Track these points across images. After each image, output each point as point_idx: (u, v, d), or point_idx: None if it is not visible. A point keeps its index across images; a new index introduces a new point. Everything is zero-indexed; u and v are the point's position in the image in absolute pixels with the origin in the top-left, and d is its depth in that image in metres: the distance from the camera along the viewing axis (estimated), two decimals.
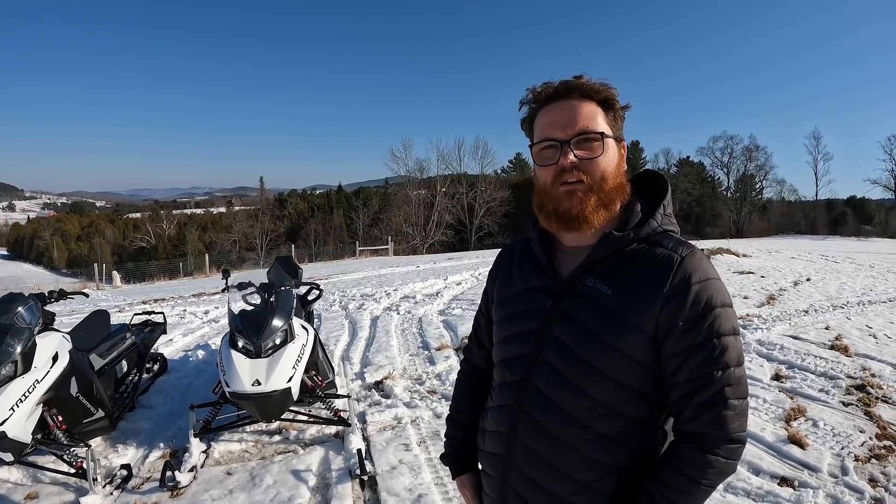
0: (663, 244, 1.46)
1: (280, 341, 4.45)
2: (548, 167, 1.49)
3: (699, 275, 1.40)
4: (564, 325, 1.48)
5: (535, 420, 1.51)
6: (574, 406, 1.46)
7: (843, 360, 6.89)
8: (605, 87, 1.49)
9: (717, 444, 1.36)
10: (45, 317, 4.51)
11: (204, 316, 10.61)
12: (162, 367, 6.55)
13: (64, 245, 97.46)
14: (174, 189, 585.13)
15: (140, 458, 4.62)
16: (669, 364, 1.41)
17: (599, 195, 1.46)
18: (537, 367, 1.51)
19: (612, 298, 1.43)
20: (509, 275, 1.71)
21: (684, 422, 1.41)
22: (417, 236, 53.30)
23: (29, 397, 3.84)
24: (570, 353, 1.46)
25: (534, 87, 1.55)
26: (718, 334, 1.37)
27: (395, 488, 3.99)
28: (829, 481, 4.05)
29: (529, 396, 1.52)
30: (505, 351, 1.63)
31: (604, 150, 1.47)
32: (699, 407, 1.38)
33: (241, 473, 4.30)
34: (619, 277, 1.44)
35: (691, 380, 1.38)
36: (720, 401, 1.36)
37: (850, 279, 14.28)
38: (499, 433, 1.61)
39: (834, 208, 69.00)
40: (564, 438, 1.47)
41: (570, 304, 1.49)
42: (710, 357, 1.37)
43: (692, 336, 1.38)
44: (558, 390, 1.47)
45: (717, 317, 1.38)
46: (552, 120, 1.49)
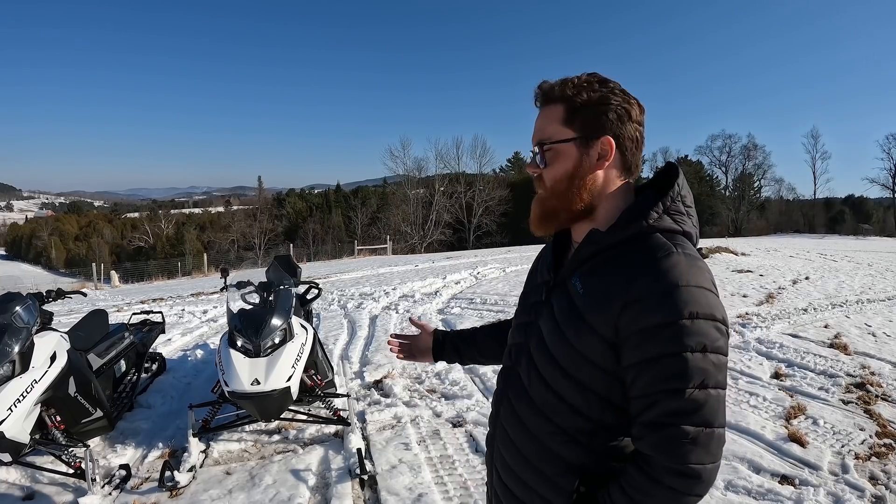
0: (642, 245, 1.35)
1: (279, 340, 4.45)
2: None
3: (669, 279, 1.25)
4: (546, 319, 1.48)
5: (512, 405, 1.56)
6: (542, 398, 1.45)
7: (842, 359, 6.89)
8: (562, 85, 1.44)
9: (661, 472, 1.25)
10: (43, 316, 4.51)
11: (202, 315, 10.59)
12: (160, 366, 6.54)
13: (62, 245, 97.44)
14: (172, 189, 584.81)
15: (139, 458, 4.61)
16: (626, 375, 1.32)
17: (544, 207, 1.50)
18: (522, 356, 1.55)
19: (580, 296, 1.38)
20: (532, 271, 1.74)
21: (634, 439, 1.34)
22: (416, 235, 53.38)
23: (27, 397, 3.82)
24: (543, 346, 1.46)
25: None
26: (678, 350, 1.23)
27: (395, 487, 3.99)
28: (829, 479, 4.04)
29: (512, 382, 1.58)
30: (510, 338, 1.69)
31: (549, 163, 1.46)
32: (646, 427, 1.28)
33: (240, 473, 4.29)
34: (592, 276, 1.39)
35: (641, 396, 1.29)
36: (668, 424, 1.24)
37: (848, 278, 14.27)
38: (491, 414, 1.70)
39: (832, 207, 69.23)
40: (532, 427, 1.48)
41: (555, 299, 1.48)
42: (663, 374, 1.24)
43: (647, 348, 1.26)
44: (532, 380, 1.49)
45: (681, 329, 1.23)
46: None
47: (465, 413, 5.21)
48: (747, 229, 63.40)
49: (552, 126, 1.44)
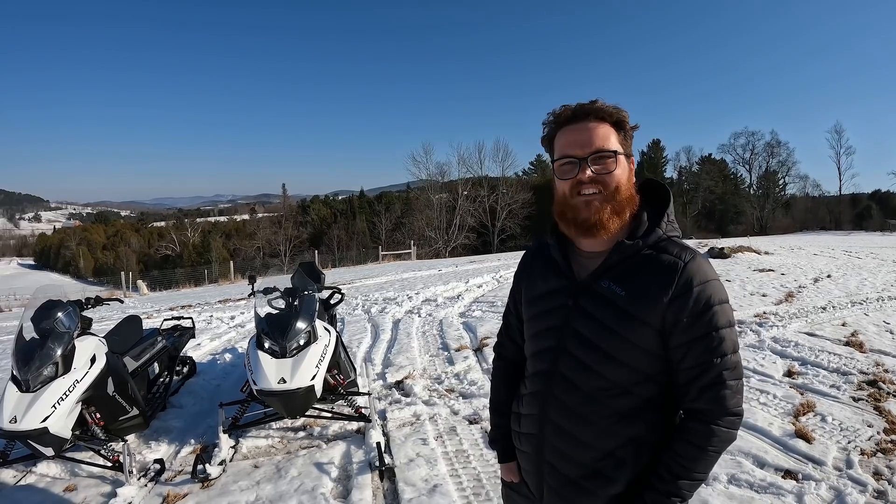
0: (669, 250, 1.69)
1: (304, 342, 4.64)
2: (567, 181, 1.72)
3: (700, 277, 1.63)
4: (584, 320, 1.73)
5: (562, 401, 1.78)
6: (594, 388, 1.72)
7: (856, 357, 6.90)
8: (617, 111, 1.72)
9: (718, 417, 1.63)
10: (83, 322, 4.75)
11: (230, 321, 10.83)
12: (191, 369, 6.78)
13: (90, 254, 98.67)
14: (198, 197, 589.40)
15: (172, 454, 4.84)
16: (676, 353, 1.66)
17: (613, 204, 1.68)
18: (562, 356, 1.77)
19: (625, 299, 1.66)
20: (534, 277, 1.95)
21: (690, 401, 1.67)
22: (440, 240, 53.38)
23: (69, 396, 4.09)
24: (590, 345, 1.71)
25: (554, 110, 1.78)
26: (717, 328, 1.62)
27: (412, 479, 4.16)
28: (832, 474, 4.09)
29: (557, 381, 1.79)
30: (535, 345, 1.89)
31: (617, 165, 1.69)
32: (703, 388, 1.64)
33: (267, 466, 4.50)
34: (630, 280, 1.68)
35: (695, 366, 1.64)
36: (720, 382, 1.62)
37: (871, 275, 14.15)
38: (532, 416, 1.89)
39: (858, 203, 68.32)
40: (586, 415, 1.74)
41: (588, 303, 1.73)
42: (710, 347, 1.62)
43: (694, 330, 1.62)
44: (580, 375, 1.74)
45: (715, 313, 1.62)
46: (571, 140, 1.71)
47: (481, 411, 5.34)
48: (773, 227, 62.68)
49: (613, 140, 1.70)
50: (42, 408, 3.92)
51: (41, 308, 4.47)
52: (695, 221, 65.94)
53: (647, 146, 73.62)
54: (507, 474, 2.12)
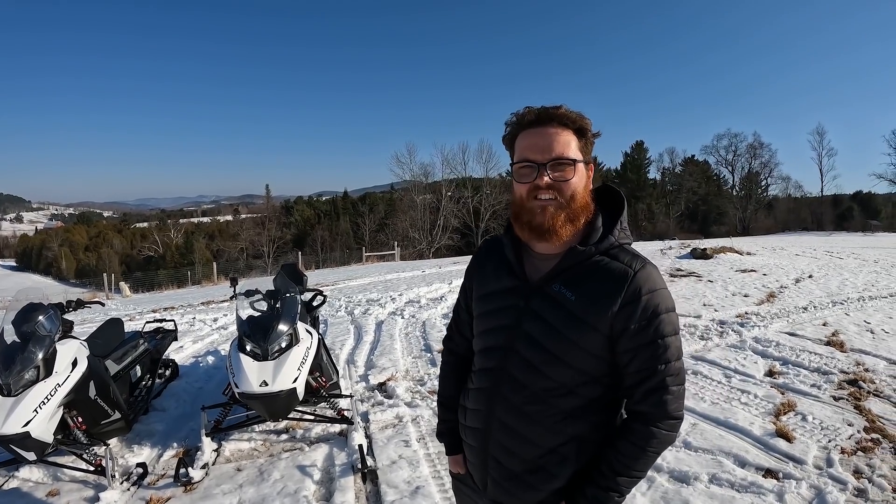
0: (620, 258, 1.74)
1: (285, 345, 4.62)
2: (524, 184, 1.75)
3: (648, 286, 1.69)
4: (534, 322, 1.77)
5: (508, 399, 1.82)
6: (540, 388, 1.76)
7: (837, 356, 6.97)
8: (580, 118, 1.75)
9: (659, 420, 1.70)
10: (65, 325, 4.72)
11: (213, 323, 10.78)
12: (174, 372, 6.74)
13: (72, 255, 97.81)
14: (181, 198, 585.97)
15: (154, 457, 4.80)
16: (622, 358, 1.72)
17: (567, 212, 1.72)
18: (510, 356, 1.81)
19: (574, 303, 1.71)
20: (486, 275, 1.97)
21: (634, 403, 1.74)
22: (424, 241, 53.32)
23: (51, 400, 4.05)
24: (538, 346, 1.75)
25: (518, 112, 1.81)
26: (663, 335, 1.69)
27: (394, 481, 4.17)
28: (813, 473, 4.12)
29: (504, 380, 1.82)
30: (484, 342, 1.92)
31: (574, 174, 1.73)
32: (646, 392, 1.71)
33: (250, 469, 4.48)
34: (581, 285, 1.73)
35: (640, 370, 1.70)
36: (663, 387, 1.69)
37: (852, 275, 14.29)
38: (478, 411, 1.92)
39: (840, 204, 68.81)
40: (532, 414, 1.78)
41: (539, 304, 1.77)
42: (656, 353, 1.68)
43: (641, 336, 1.68)
44: (527, 375, 1.77)
45: (661, 321, 1.69)
46: (532, 144, 1.74)
47: None
48: (755, 228, 63.14)
49: (573, 146, 1.73)
50: (23, 412, 3.89)
51: (22, 311, 4.43)
52: (678, 222, 66.49)
53: (630, 147, 74.21)
54: (455, 466, 2.18)
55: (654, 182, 74.51)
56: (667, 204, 70.04)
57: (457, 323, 2.20)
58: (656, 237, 50.47)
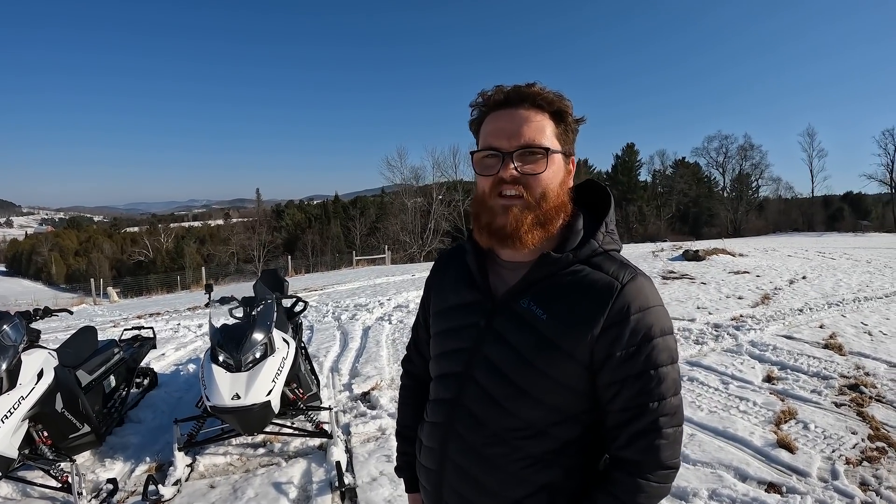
0: (604, 268, 1.41)
1: (260, 355, 4.44)
2: (487, 177, 1.42)
3: (639, 303, 1.36)
4: (496, 346, 1.44)
5: (464, 439, 1.48)
6: (502, 426, 1.43)
7: (836, 359, 6.85)
8: (559, 98, 1.43)
9: (649, 471, 1.35)
10: (31, 334, 4.53)
11: (198, 329, 10.59)
12: (152, 381, 6.54)
13: (62, 260, 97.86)
14: (171, 202, 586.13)
15: (126, 472, 4.61)
16: (605, 392, 1.38)
17: (537, 213, 1.40)
18: (467, 385, 1.48)
19: (546, 324, 1.38)
20: (444, 287, 1.66)
21: (618, 448, 1.39)
22: (414, 244, 53.31)
23: (14, 413, 3.87)
24: (500, 375, 1.42)
25: (485, 91, 1.47)
26: (656, 365, 1.35)
27: (374, 500, 3.97)
28: (818, 486, 3.96)
29: (459, 415, 1.49)
30: (439, 367, 1.60)
31: (547, 166, 1.40)
32: (634, 435, 1.36)
33: (223, 486, 4.28)
34: (555, 301, 1.40)
35: (626, 409, 1.36)
36: (654, 430, 1.35)
37: (846, 276, 14.27)
38: (432, 449, 1.58)
39: (830, 204, 69.29)
40: (492, 458, 1.44)
41: (503, 324, 1.44)
42: (646, 388, 1.35)
43: (629, 366, 1.35)
44: (487, 410, 1.44)
45: (655, 347, 1.35)
46: (498, 128, 1.41)
47: None
48: (746, 229, 63.44)
49: (548, 133, 1.41)
50: None
51: None
52: (669, 224, 66.80)
53: (621, 150, 74.37)
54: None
55: (645, 184, 74.87)
56: (658, 206, 70.24)
57: (415, 342, 1.88)
58: (647, 239, 50.62)
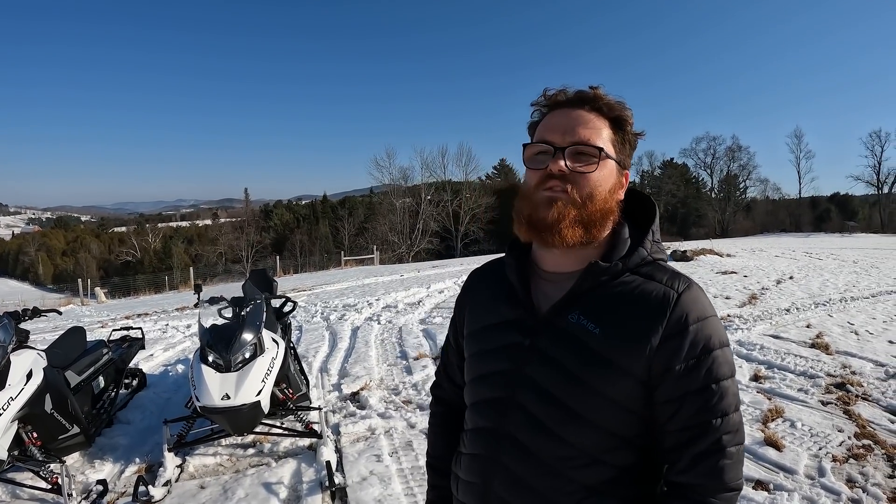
0: (656, 277, 1.34)
1: (249, 355, 4.43)
2: (536, 171, 1.37)
3: (697, 313, 1.28)
4: (543, 366, 1.34)
5: (511, 471, 1.36)
6: (553, 456, 1.32)
7: (823, 359, 6.92)
8: (621, 106, 1.39)
9: (713, 495, 1.25)
10: (19, 335, 4.48)
11: (186, 330, 10.55)
12: (141, 382, 6.51)
13: (49, 260, 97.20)
14: (159, 202, 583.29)
15: (116, 474, 4.59)
16: (663, 411, 1.29)
17: (581, 211, 1.32)
18: (512, 412, 1.37)
19: (598, 338, 1.29)
20: (480, 305, 1.56)
21: (679, 472, 1.29)
22: (403, 245, 53.22)
23: (3, 415, 3.84)
24: (549, 398, 1.32)
25: (547, 91, 1.43)
26: (717, 379, 1.26)
27: (364, 499, 3.97)
28: (805, 483, 4.00)
29: (504, 445, 1.38)
30: (476, 393, 1.49)
31: (598, 168, 1.34)
32: (696, 457, 1.26)
33: (214, 487, 4.27)
34: (607, 314, 1.31)
35: (687, 427, 1.27)
36: (718, 450, 1.25)
37: (832, 276, 14.39)
38: (472, 484, 1.46)
39: (818, 205, 69.65)
40: (544, 491, 1.33)
41: (549, 342, 1.35)
42: (708, 404, 1.25)
43: (690, 381, 1.26)
44: (536, 438, 1.34)
45: (714, 359, 1.26)
46: (553, 125, 1.37)
47: None
48: (734, 230, 63.73)
49: (605, 137, 1.36)
50: None
51: None
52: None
53: None
54: None
55: (634, 185, 74.18)
56: None
57: (445, 366, 1.75)
58: None
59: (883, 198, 64.45)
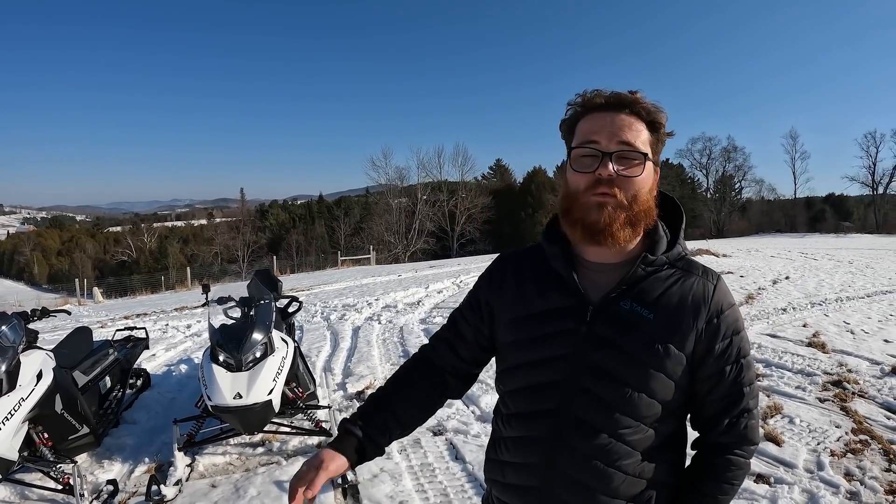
0: (693, 270, 1.52)
1: (260, 354, 4.47)
2: (583, 174, 1.46)
3: (728, 301, 1.50)
4: (604, 350, 1.46)
5: (577, 449, 1.47)
6: (616, 430, 1.45)
7: (820, 357, 7.00)
8: (657, 110, 1.50)
9: (744, 449, 1.50)
10: (29, 335, 4.49)
11: (186, 330, 10.57)
12: (145, 382, 6.53)
13: (44, 260, 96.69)
14: (154, 202, 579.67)
15: (126, 473, 4.62)
16: (705, 384, 1.50)
17: (628, 213, 1.44)
18: (575, 394, 1.48)
19: (653, 323, 1.44)
20: (522, 291, 1.62)
21: (720, 434, 1.51)
22: (399, 245, 53.15)
23: (15, 415, 3.83)
24: (612, 379, 1.45)
25: (585, 92, 1.53)
26: (744, 354, 1.50)
27: (376, 496, 4.02)
28: (804, 477, 4.10)
29: (567, 425, 1.48)
30: (529, 377, 1.56)
31: (643, 170, 1.47)
32: (733, 420, 1.49)
33: (225, 486, 4.31)
34: (657, 301, 1.47)
35: (726, 396, 1.49)
36: (748, 411, 1.50)
37: (828, 276, 14.42)
38: (531, 466, 1.54)
39: (813, 206, 69.54)
40: (608, 463, 1.46)
41: (607, 327, 1.47)
42: (740, 375, 1.48)
43: (726, 358, 1.47)
44: (600, 416, 1.46)
45: (742, 339, 1.50)
46: (599, 128, 1.46)
47: (445, 422, 5.21)
48: (729, 230, 63.67)
49: (644, 139, 1.48)
50: None
51: None
52: None
53: None
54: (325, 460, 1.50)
55: None
56: None
57: (452, 336, 1.78)
58: None
59: (878, 198, 64.64)
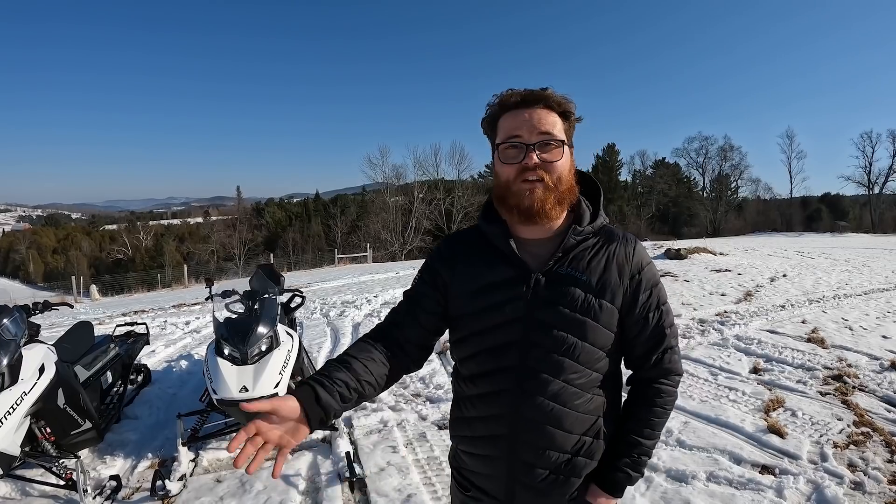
0: (615, 236, 1.80)
1: (266, 348, 4.44)
2: (511, 165, 1.70)
3: (646, 258, 1.80)
4: (548, 309, 1.69)
5: (535, 396, 1.70)
6: (567, 376, 1.69)
7: (819, 352, 7.03)
8: (566, 101, 1.73)
9: (671, 379, 1.82)
10: (31, 329, 4.44)
11: (185, 327, 10.54)
12: (146, 378, 6.52)
13: (40, 258, 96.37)
14: (150, 200, 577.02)
15: (129, 469, 4.60)
16: (633, 328, 1.77)
17: (556, 194, 1.69)
18: (530, 350, 1.70)
19: (587, 283, 1.70)
20: (472, 267, 1.82)
21: (647, 369, 1.82)
22: (396, 243, 53.13)
23: (17, 409, 3.77)
24: (558, 334, 1.68)
25: (501, 93, 1.76)
26: (664, 300, 1.81)
27: (384, 489, 4.03)
28: (809, 468, 4.15)
29: (527, 377, 1.70)
30: (487, 340, 1.76)
31: (562, 155, 1.70)
32: (659, 356, 1.79)
33: (230, 480, 4.30)
34: (589, 265, 1.72)
35: (651, 336, 1.78)
36: (670, 348, 1.80)
37: (825, 274, 14.45)
38: (498, 416, 1.76)
39: (809, 205, 69.85)
40: (563, 404, 1.71)
41: (550, 291, 1.70)
42: (662, 318, 1.78)
43: (649, 305, 1.76)
44: (553, 367, 1.68)
45: (660, 289, 1.81)
46: (519, 124, 1.69)
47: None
48: (725, 229, 63.83)
49: (559, 128, 1.71)
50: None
51: None
52: (649, 224, 67.06)
53: (602, 150, 74.54)
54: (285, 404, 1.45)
55: (626, 184, 75.12)
56: (638, 206, 70.59)
57: (415, 307, 1.87)
58: None
59: (873, 198, 64.78)
